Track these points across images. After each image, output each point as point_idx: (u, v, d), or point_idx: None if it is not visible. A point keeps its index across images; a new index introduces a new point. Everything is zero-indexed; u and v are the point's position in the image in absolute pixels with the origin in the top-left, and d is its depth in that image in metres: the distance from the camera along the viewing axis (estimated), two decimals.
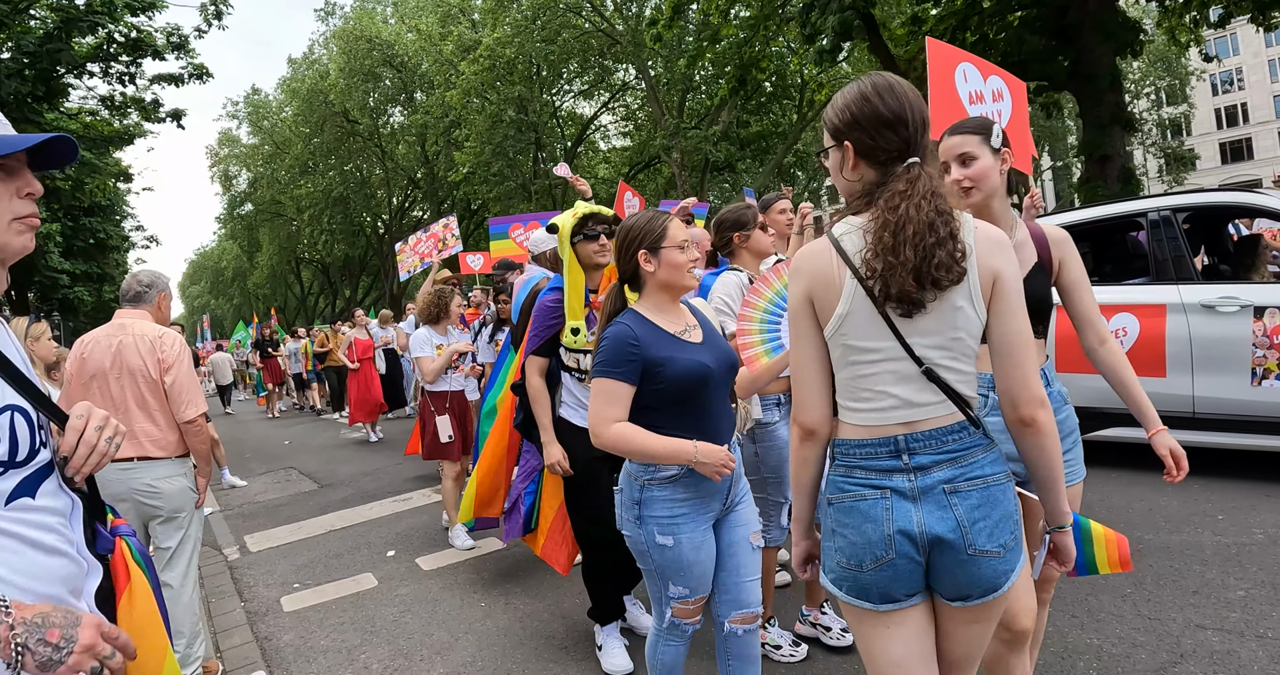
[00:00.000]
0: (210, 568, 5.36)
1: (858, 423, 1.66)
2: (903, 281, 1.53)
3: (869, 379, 1.63)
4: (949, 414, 1.62)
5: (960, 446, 1.61)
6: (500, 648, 3.70)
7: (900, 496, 1.60)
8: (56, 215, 18.83)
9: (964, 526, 1.57)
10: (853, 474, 1.65)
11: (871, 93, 1.65)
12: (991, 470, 1.62)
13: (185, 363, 3.49)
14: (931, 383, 1.61)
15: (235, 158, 41.68)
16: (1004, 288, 1.61)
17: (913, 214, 1.55)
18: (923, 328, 1.59)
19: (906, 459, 1.61)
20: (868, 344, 1.61)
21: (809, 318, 1.68)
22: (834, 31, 11.78)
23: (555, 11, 24.49)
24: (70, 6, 13.46)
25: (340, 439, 11.91)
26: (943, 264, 1.53)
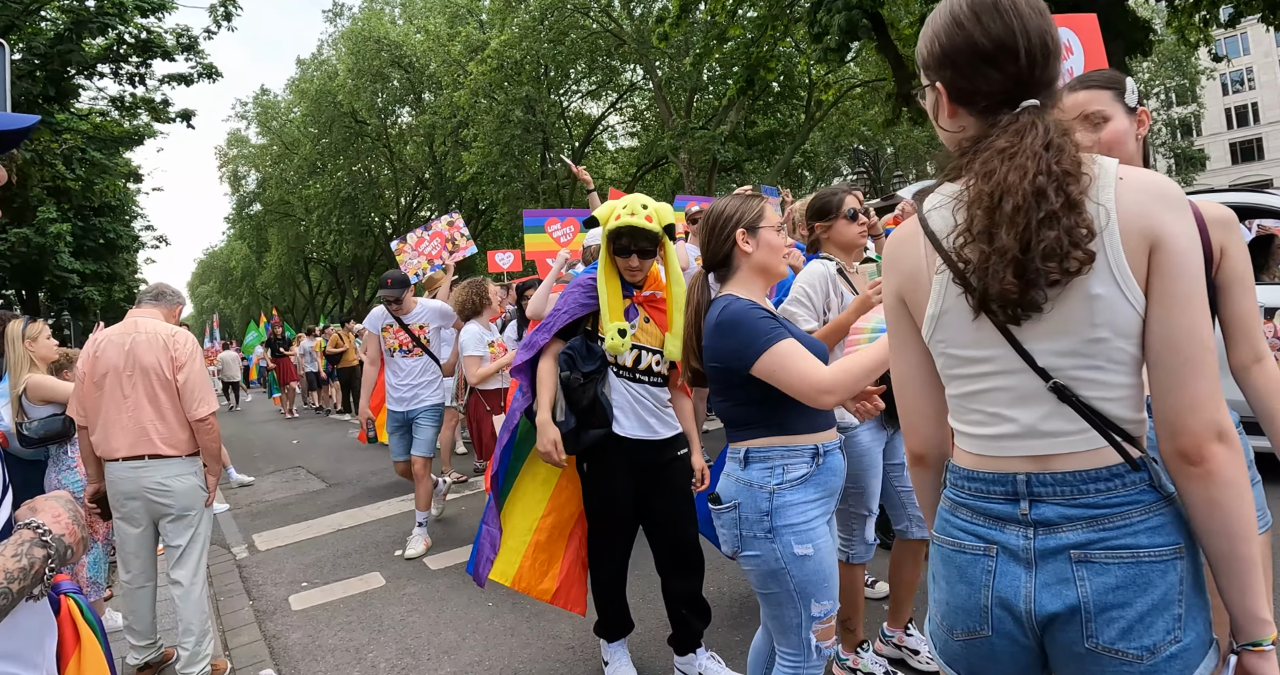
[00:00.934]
0: (219, 566, 5.38)
1: (971, 450, 1.28)
2: (1001, 279, 1.13)
3: (979, 396, 1.25)
4: (1095, 451, 1.17)
5: (1109, 502, 1.16)
6: (508, 647, 3.71)
7: (1010, 557, 1.21)
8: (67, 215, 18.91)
9: (1088, 610, 1.14)
10: (958, 512, 1.29)
11: (966, 14, 1.22)
12: (1151, 541, 1.13)
13: (198, 361, 3.52)
14: (1065, 403, 1.17)
15: (244, 158, 41.84)
16: (1169, 261, 1.11)
17: (1013, 181, 1.12)
18: (1044, 330, 1.17)
19: (1025, 507, 1.20)
20: (971, 352, 1.23)
21: (906, 319, 1.35)
22: (840, 29, 11.76)
23: (563, 12, 24.51)
24: (81, 8, 13.55)
25: (348, 438, 11.93)
26: (1052, 251, 1.09)
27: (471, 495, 6.90)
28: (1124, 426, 1.17)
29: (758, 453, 2.09)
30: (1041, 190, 1.11)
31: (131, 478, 3.39)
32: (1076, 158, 1.14)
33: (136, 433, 3.39)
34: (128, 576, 3.59)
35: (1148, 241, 1.12)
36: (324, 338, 16.13)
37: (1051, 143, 1.14)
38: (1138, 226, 1.12)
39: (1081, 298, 1.13)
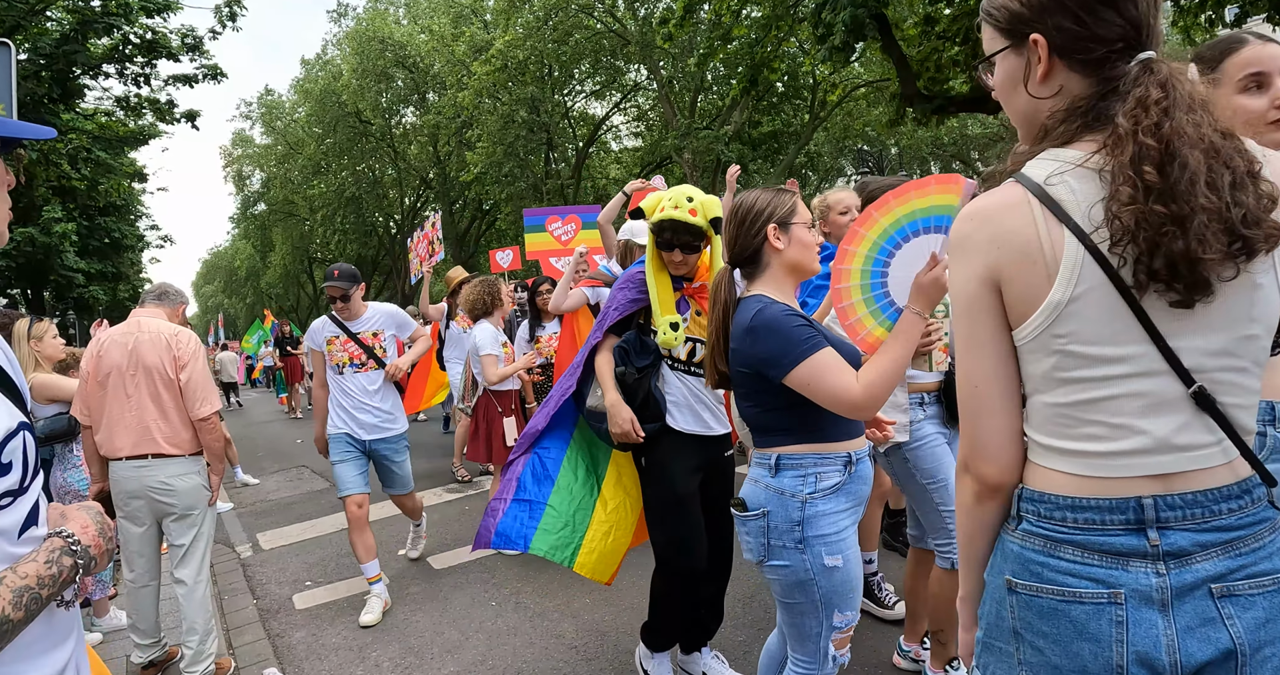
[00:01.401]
0: (223, 565, 5.39)
1: (1076, 472, 1.08)
2: (1192, 245, 0.95)
3: (1101, 405, 1.06)
4: (1228, 464, 1.04)
5: (1241, 521, 1.03)
6: (510, 647, 3.71)
7: (1142, 601, 1.02)
8: (72, 215, 18.95)
9: (1244, 652, 1.00)
10: (1060, 552, 1.07)
11: None
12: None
13: (200, 360, 3.53)
14: (1204, 412, 1.03)
15: (249, 158, 41.89)
16: None
17: (1190, 132, 0.98)
18: (1199, 323, 1.01)
19: (1155, 537, 1.02)
20: (1105, 350, 1.04)
21: (995, 311, 1.12)
22: (845, 29, 11.73)
23: (567, 12, 24.49)
24: (86, 8, 13.58)
25: None
26: (1252, 217, 0.96)
27: (475, 495, 6.90)
28: (1248, 437, 1.04)
29: (790, 460, 2.00)
30: (1220, 149, 0.98)
31: (135, 477, 3.40)
32: (1227, 124, 1.02)
33: (140, 432, 3.40)
34: (132, 575, 3.59)
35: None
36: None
37: (1202, 101, 1.01)
38: None
39: (1246, 286, 1.00)
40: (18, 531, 1.09)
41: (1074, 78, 1.11)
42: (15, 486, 1.09)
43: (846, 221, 3.65)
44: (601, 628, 3.81)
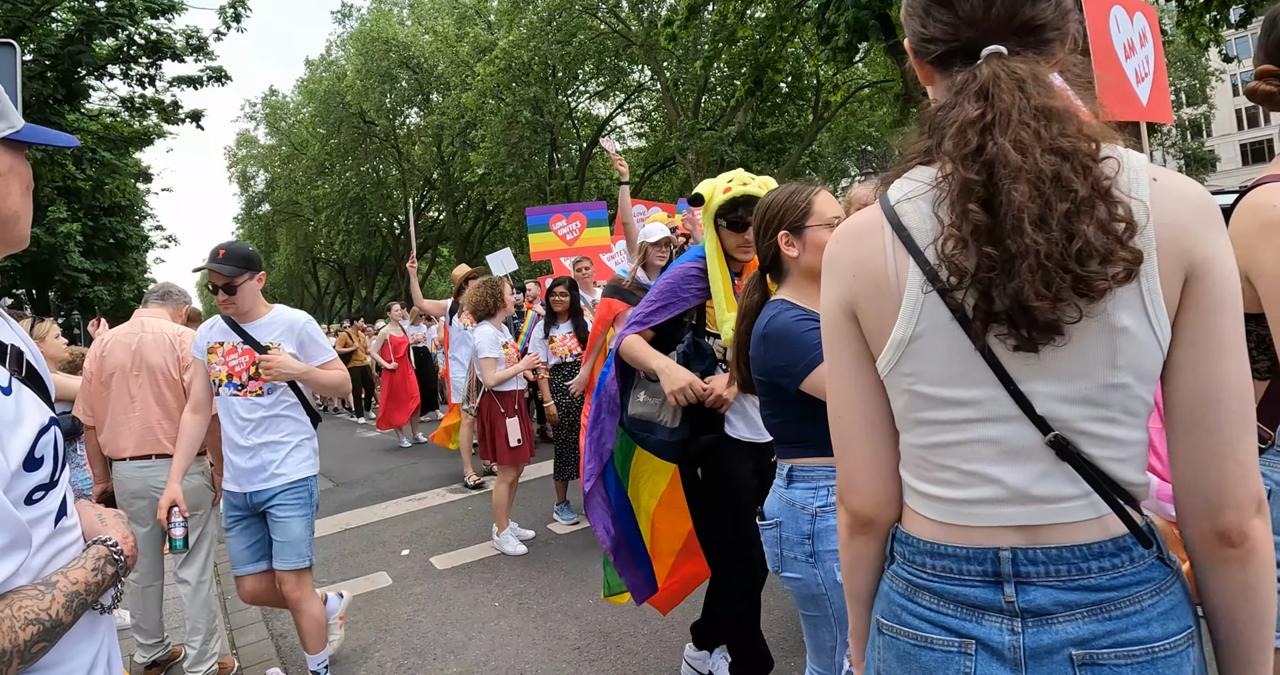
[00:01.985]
0: (226, 565, 5.39)
1: (936, 518, 1.01)
2: (1023, 290, 0.85)
3: (953, 450, 0.98)
4: (1099, 519, 0.94)
5: (1114, 582, 0.93)
6: (514, 647, 3.71)
7: (992, 656, 0.95)
8: (77, 215, 19.02)
9: None
10: (918, 597, 1.01)
11: None
12: (1165, 630, 0.92)
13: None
14: (1065, 462, 0.93)
15: (253, 158, 42.01)
16: (1212, 294, 0.89)
17: (1015, 159, 0.86)
18: (1050, 368, 0.92)
19: (1011, 593, 0.95)
20: (953, 393, 0.96)
21: (854, 341, 1.04)
22: (848, 29, 11.74)
23: (571, 13, 24.53)
24: (91, 9, 13.61)
25: (355, 438, 11.96)
26: (1091, 251, 0.84)
27: (479, 495, 6.90)
28: (1130, 490, 0.95)
29: (801, 472, 1.94)
30: (1057, 172, 0.85)
31: (139, 477, 3.41)
32: (1087, 129, 0.89)
33: (143, 432, 3.40)
34: (135, 575, 3.60)
35: (1185, 266, 0.89)
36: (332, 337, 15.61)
37: (1042, 107, 0.88)
38: (1177, 246, 0.89)
39: (1103, 330, 0.89)
40: (53, 521, 1.12)
41: (937, 86, 1.02)
42: (47, 480, 1.10)
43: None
44: (604, 629, 3.81)
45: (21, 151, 1.15)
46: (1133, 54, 4.08)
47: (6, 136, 1.10)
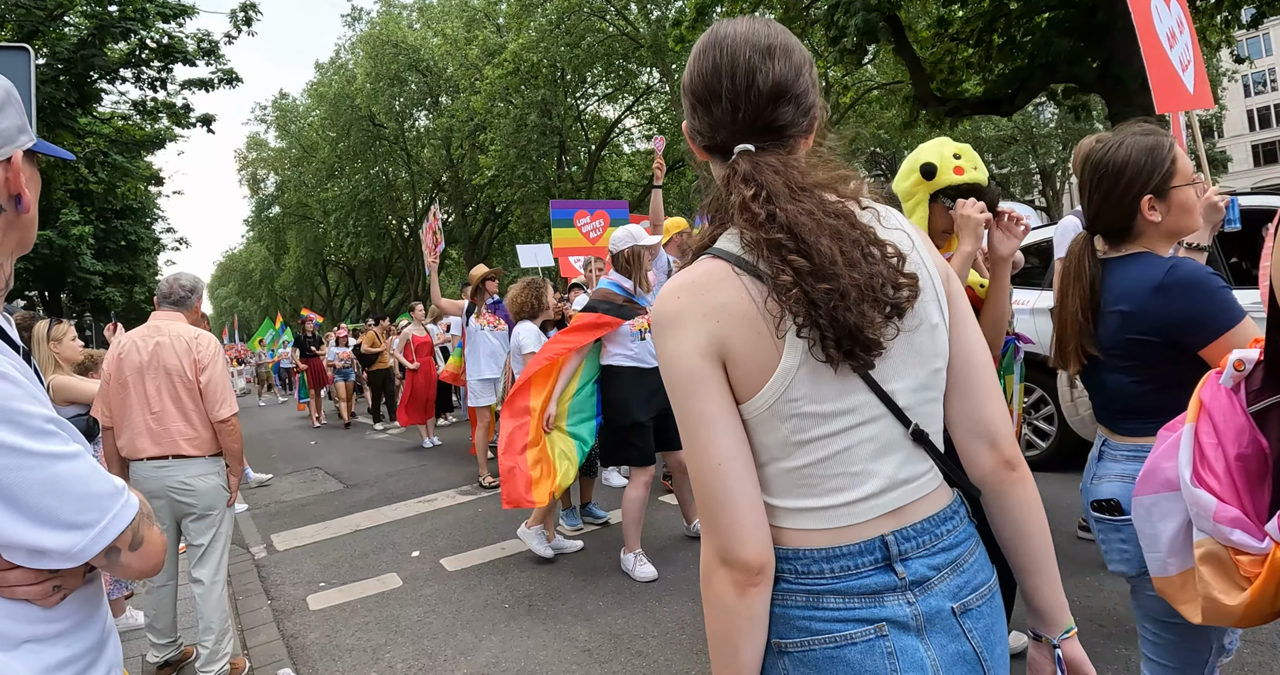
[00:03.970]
0: (237, 566, 5.42)
1: (826, 526, 1.08)
2: (857, 319, 1.01)
3: (841, 457, 1.07)
4: (938, 489, 1.13)
5: (956, 540, 1.11)
6: (524, 649, 3.72)
7: (902, 631, 1.05)
8: (89, 218, 19.13)
9: (985, 661, 1.10)
10: (823, 603, 1.07)
11: (697, 49, 1.15)
12: (987, 575, 1.14)
13: (220, 363, 3.56)
14: (919, 446, 1.11)
15: (263, 161, 42.26)
16: (954, 286, 1.18)
17: (806, 220, 1.03)
18: (899, 366, 1.08)
19: (901, 570, 1.06)
20: (835, 406, 1.06)
21: (721, 385, 1.07)
22: (858, 31, 11.72)
23: (579, 16, 24.59)
24: (103, 13, 13.70)
25: (365, 440, 11.99)
26: (884, 281, 1.04)
27: (488, 497, 6.92)
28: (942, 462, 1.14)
29: (1141, 451, 1.72)
30: (836, 229, 1.04)
31: (156, 477, 3.43)
32: (844, 192, 1.11)
33: (161, 433, 3.43)
34: None
35: (942, 271, 1.16)
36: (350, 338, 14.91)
37: (802, 184, 1.07)
38: (936, 258, 1.16)
39: (927, 329, 1.10)
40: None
41: (714, 165, 1.18)
42: None
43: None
44: (615, 631, 3.81)
45: (34, 162, 1.22)
46: (1175, 42, 4.04)
47: (27, 148, 1.18)
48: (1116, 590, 3.54)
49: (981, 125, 28.99)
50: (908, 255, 1.08)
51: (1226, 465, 1.41)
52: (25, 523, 1.01)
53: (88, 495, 1.06)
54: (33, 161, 1.22)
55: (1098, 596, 3.51)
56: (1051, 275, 5.77)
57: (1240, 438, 1.41)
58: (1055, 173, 36.67)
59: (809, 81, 1.14)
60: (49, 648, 1.09)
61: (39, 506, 1.01)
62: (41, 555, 1.04)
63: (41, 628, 1.09)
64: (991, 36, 13.32)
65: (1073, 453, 5.60)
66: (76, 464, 1.06)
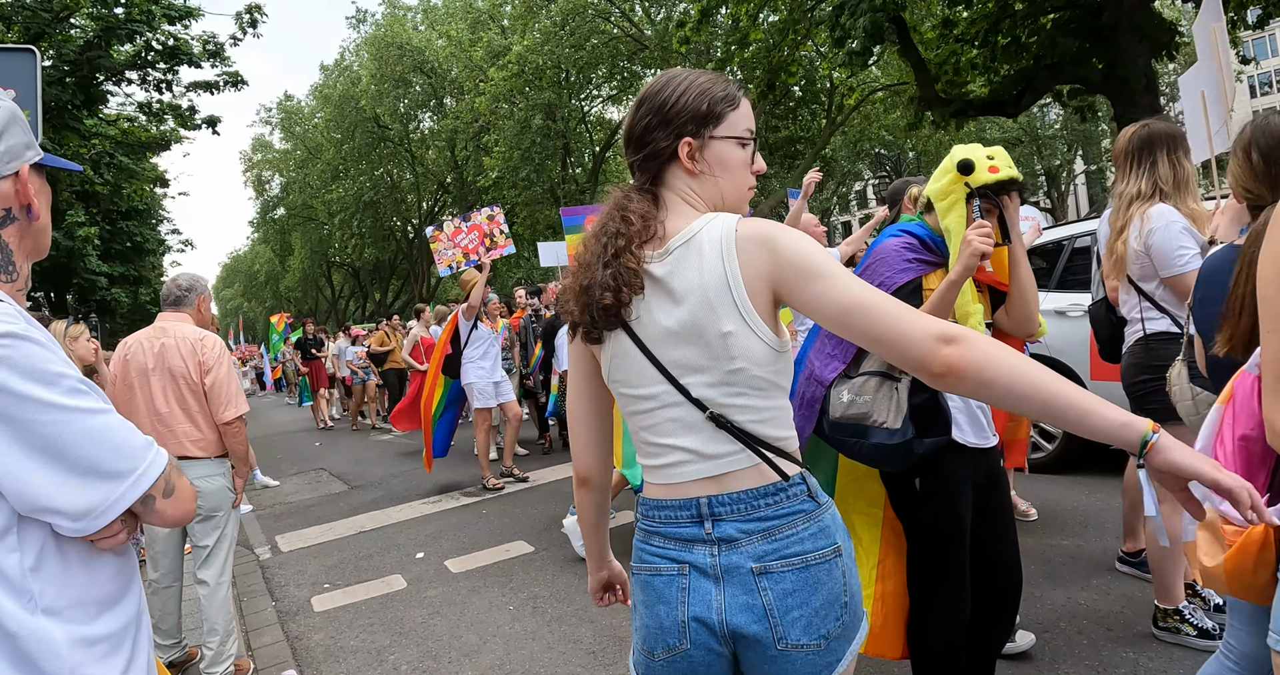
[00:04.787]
0: (242, 567, 5.42)
1: (657, 482, 1.42)
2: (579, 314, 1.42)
3: (652, 430, 1.43)
4: (753, 468, 1.34)
5: (776, 514, 1.32)
6: (529, 651, 3.71)
7: (700, 575, 1.33)
8: (95, 219, 19.20)
9: (774, 616, 1.28)
10: (651, 541, 1.41)
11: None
12: (815, 545, 1.31)
13: (225, 365, 3.56)
14: (722, 430, 1.34)
15: (268, 163, 42.28)
16: (792, 275, 1.32)
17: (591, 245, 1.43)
18: (693, 364, 1.36)
19: (709, 528, 1.33)
20: (640, 391, 1.41)
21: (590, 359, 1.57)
22: (864, 32, 11.70)
23: (584, 17, 24.57)
24: (109, 15, 13.72)
25: (370, 441, 12.01)
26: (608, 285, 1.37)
27: (492, 499, 6.92)
28: (775, 443, 1.35)
29: None
30: (603, 245, 1.37)
31: None
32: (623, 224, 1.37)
33: (166, 435, 3.43)
34: (156, 575, 3.64)
35: (770, 284, 1.29)
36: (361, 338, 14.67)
37: (609, 212, 1.42)
38: (756, 272, 1.29)
39: (716, 335, 1.30)
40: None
41: None
42: None
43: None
44: (619, 633, 3.81)
45: (43, 173, 1.32)
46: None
47: (35, 162, 1.28)
48: (1124, 593, 3.52)
49: (987, 127, 28.92)
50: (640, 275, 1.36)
51: (1232, 444, 1.54)
52: (67, 473, 1.09)
53: (124, 445, 1.15)
54: (41, 173, 1.31)
55: (1105, 600, 3.49)
56: (1057, 277, 5.76)
57: (1250, 421, 1.52)
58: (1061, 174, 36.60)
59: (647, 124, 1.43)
60: (90, 622, 1.15)
61: (80, 457, 1.10)
62: (83, 512, 1.11)
63: (81, 592, 1.15)
64: (996, 37, 13.29)
65: (1078, 455, 5.58)
66: (109, 418, 1.15)
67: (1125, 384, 3.24)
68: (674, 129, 1.39)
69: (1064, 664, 3.03)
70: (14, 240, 1.27)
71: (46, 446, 1.07)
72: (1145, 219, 2.94)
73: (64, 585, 1.13)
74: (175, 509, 1.24)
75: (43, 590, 1.10)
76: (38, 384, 1.07)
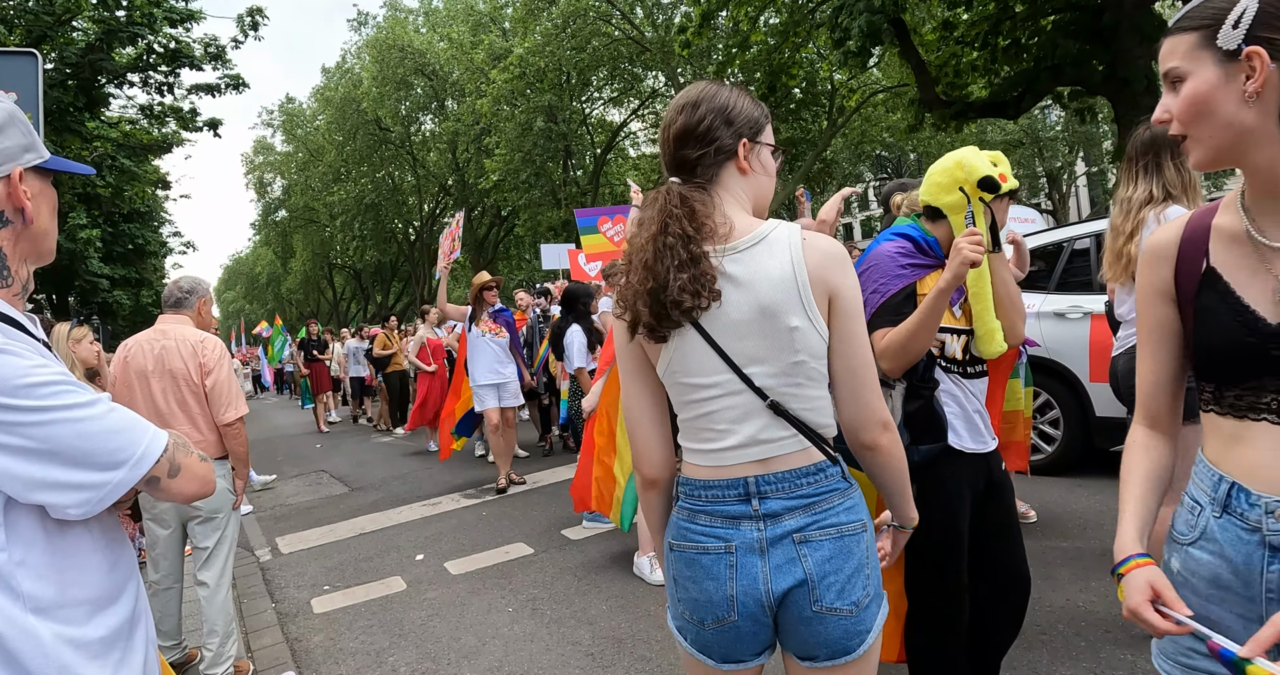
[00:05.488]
0: (242, 568, 5.43)
1: (704, 464, 1.52)
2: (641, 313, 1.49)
3: (709, 417, 1.54)
4: (802, 451, 1.48)
5: (816, 491, 1.47)
6: (527, 653, 3.71)
7: (748, 551, 1.45)
8: (97, 221, 19.21)
9: (813, 581, 1.43)
10: (697, 519, 1.51)
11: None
12: (848, 519, 1.48)
13: (225, 367, 3.57)
14: (779, 417, 1.47)
15: (270, 165, 42.29)
16: (843, 307, 1.48)
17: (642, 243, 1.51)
18: (756, 355, 1.47)
19: (756, 505, 1.46)
20: (702, 380, 1.51)
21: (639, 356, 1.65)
22: (862, 33, 11.70)
23: (585, 20, 24.58)
24: (111, 18, 13.75)
25: (371, 443, 12.01)
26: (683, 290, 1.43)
27: (493, 501, 6.92)
28: (821, 431, 1.49)
29: None
30: (671, 247, 1.45)
31: None
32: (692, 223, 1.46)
33: None
34: (157, 576, 3.65)
35: (827, 292, 1.45)
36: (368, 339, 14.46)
37: (685, 211, 1.47)
38: (820, 277, 1.43)
39: (784, 329, 1.43)
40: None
41: None
42: None
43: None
44: (619, 635, 3.81)
45: (48, 177, 1.32)
46: None
47: (37, 165, 1.28)
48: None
49: (987, 128, 28.92)
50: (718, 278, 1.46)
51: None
52: (68, 469, 1.13)
53: (115, 434, 1.19)
54: (45, 177, 1.31)
55: (1104, 603, 3.49)
56: (1056, 279, 5.75)
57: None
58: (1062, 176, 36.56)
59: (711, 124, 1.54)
60: (81, 622, 1.16)
61: (76, 454, 1.14)
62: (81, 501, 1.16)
63: (72, 591, 1.16)
64: (997, 39, 13.29)
65: (1079, 457, 5.58)
66: (96, 409, 1.18)
67: (1124, 387, 3.22)
68: (735, 129, 1.53)
69: (1062, 666, 3.03)
70: (8, 245, 1.27)
71: (37, 450, 1.10)
72: (1163, 220, 2.94)
73: (53, 583, 1.13)
74: (184, 486, 1.28)
75: (31, 588, 1.10)
76: (12, 398, 1.10)
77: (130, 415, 1.25)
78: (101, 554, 1.23)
